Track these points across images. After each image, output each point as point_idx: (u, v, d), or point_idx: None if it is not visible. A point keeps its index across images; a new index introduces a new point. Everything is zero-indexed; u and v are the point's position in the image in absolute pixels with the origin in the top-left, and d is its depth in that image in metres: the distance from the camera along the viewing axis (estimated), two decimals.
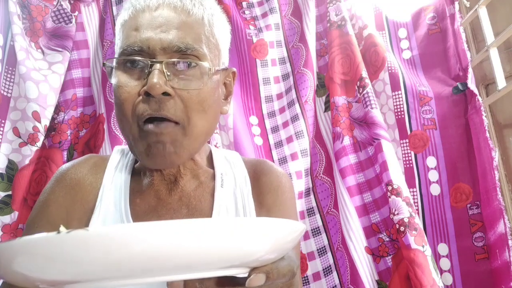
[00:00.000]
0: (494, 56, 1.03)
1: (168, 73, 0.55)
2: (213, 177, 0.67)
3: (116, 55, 0.59)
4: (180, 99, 0.56)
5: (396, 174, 1.01)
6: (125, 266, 0.29)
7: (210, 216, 0.62)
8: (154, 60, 0.55)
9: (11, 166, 1.07)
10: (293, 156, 1.17)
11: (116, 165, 0.67)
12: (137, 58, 0.55)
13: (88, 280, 0.31)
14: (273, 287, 0.39)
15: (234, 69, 0.68)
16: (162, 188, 0.64)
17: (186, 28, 0.57)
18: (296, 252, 0.68)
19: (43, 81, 1.11)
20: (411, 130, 1.09)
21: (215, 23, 0.61)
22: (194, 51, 0.56)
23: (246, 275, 0.36)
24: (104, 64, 0.60)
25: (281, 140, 1.21)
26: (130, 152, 0.70)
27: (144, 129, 0.56)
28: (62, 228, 0.32)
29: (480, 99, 1.01)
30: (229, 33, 0.67)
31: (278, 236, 0.34)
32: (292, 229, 0.36)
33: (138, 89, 0.55)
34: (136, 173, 0.67)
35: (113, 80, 0.58)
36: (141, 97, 0.55)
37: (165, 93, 0.54)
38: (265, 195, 0.68)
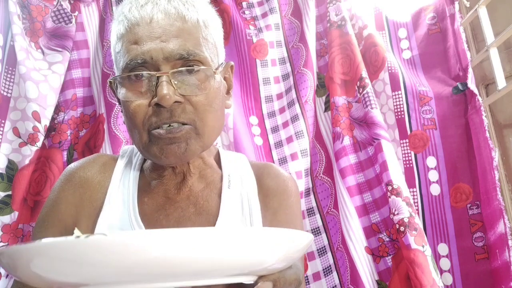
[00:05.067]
0: (494, 56, 1.03)
1: (175, 82, 0.56)
2: (221, 178, 0.68)
3: (118, 70, 0.60)
4: (190, 103, 0.57)
5: (396, 174, 1.01)
6: (138, 271, 0.30)
7: (217, 216, 0.63)
8: (160, 72, 0.55)
9: (11, 166, 1.07)
10: (293, 156, 1.17)
11: (125, 164, 0.68)
12: (142, 73, 0.56)
13: (102, 283, 0.32)
14: None
15: (232, 63, 0.69)
16: (171, 187, 0.65)
17: (185, 34, 0.57)
18: (301, 260, 0.69)
19: (43, 81, 1.11)
20: (411, 130, 1.09)
21: (209, 23, 0.62)
22: (196, 56, 0.57)
23: (253, 282, 0.37)
24: (110, 83, 0.61)
25: (281, 140, 1.21)
26: (138, 152, 0.71)
27: (155, 134, 0.57)
28: (77, 232, 0.33)
29: (480, 99, 1.01)
30: (221, 27, 0.67)
31: (287, 246, 0.35)
32: (301, 240, 0.36)
33: (147, 101, 0.56)
34: (144, 172, 0.68)
35: (121, 95, 0.58)
36: (151, 108, 0.56)
37: (176, 101, 0.55)
38: (270, 198, 0.68)
